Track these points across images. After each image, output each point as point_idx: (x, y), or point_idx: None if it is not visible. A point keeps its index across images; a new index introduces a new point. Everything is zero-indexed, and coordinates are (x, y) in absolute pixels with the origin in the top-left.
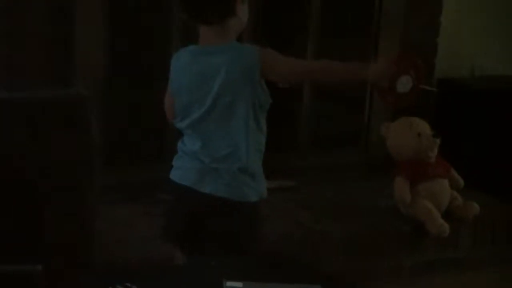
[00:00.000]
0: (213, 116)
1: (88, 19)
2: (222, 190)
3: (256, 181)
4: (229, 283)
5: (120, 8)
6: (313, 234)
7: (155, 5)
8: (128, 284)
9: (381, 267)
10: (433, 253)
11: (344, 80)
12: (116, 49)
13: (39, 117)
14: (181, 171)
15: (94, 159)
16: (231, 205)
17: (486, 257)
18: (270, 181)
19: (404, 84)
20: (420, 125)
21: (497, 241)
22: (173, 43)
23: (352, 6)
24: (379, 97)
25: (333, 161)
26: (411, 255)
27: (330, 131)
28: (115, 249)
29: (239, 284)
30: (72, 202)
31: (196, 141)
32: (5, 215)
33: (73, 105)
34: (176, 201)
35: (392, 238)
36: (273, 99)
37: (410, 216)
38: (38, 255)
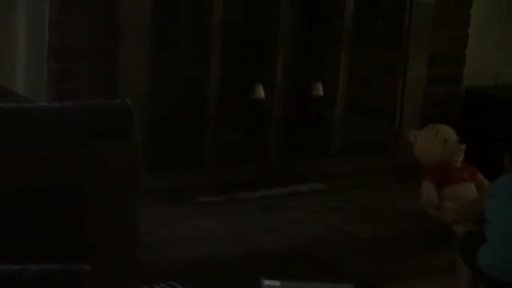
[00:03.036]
0: None
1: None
2: None
3: None
4: (267, 282)
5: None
6: (344, 236)
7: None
8: (173, 283)
9: (409, 267)
10: None
11: None
12: (157, 65)
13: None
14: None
15: (139, 164)
16: None
17: None
18: (304, 185)
19: None
20: (446, 132)
21: None
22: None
23: (383, 18)
24: None
25: (363, 167)
26: (438, 256)
27: (361, 138)
28: (158, 249)
29: (277, 283)
30: (117, 205)
31: None
32: (55, 218)
33: (119, 112)
34: None
35: (420, 239)
36: (307, 108)
37: (437, 219)
38: (85, 255)
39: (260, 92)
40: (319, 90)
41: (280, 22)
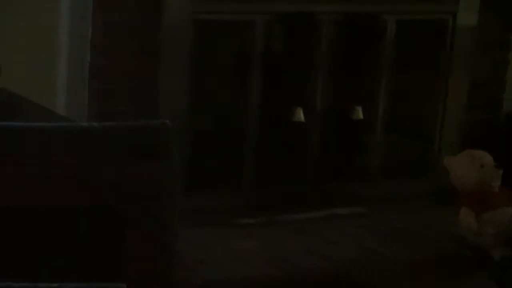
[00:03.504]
0: None
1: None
2: None
3: None
4: None
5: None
6: (382, 259)
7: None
8: None
9: None
10: None
11: None
12: (197, 87)
13: (126, 144)
14: None
15: (177, 184)
16: None
17: None
18: (342, 208)
19: None
20: (483, 157)
21: None
22: (251, 84)
23: (424, 43)
24: None
25: (402, 190)
26: (475, 281)
27: (400, 161)
28: (195, 270)
29: None
30: (155, 226)
31: None
32: (93, 238)
33: (158, 133)
34: None
35: (458, 264)
36: (347, 131)
37: (476, 245)
38: (122, 275)
39: (300, 115)
40: (359, 113)
41: (321, 46)
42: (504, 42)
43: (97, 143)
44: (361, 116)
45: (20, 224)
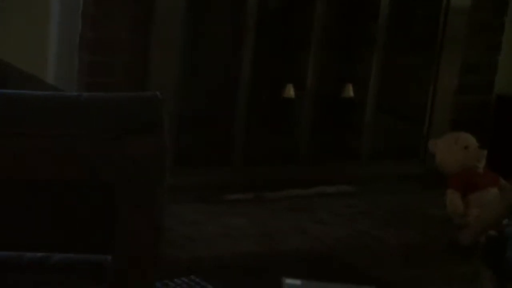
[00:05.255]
0: None
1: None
2: None
3: None
4: (288, 281)
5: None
6: (370, 240)
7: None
8: (193, 277)
9: (435, 274)
10: None
11: None
12: (189, 61)
13: (115, 116)
14: None
15: (166, 158)
16: None
17: None
18: (332, 186)
19: None
20: (466, 139)
21: None
22: (242, 59)
23: (417, 23)
24: None
25: (392, 171)
26: (464, 264)
27: (390, 142)
28: (183, 246)
29: (297, 281)
30: (144, 199)
31: None
32: (80, 210)
33: (149, 105)
34: None
35: (446, 247)
36: (337, 109)
37: (463, 226)
38: (110, 247)
39: (290, 91)
40: (350, 91)
41: (314, 22)
42: (497, 24)
43: (85, 114)
44: (351, 94)
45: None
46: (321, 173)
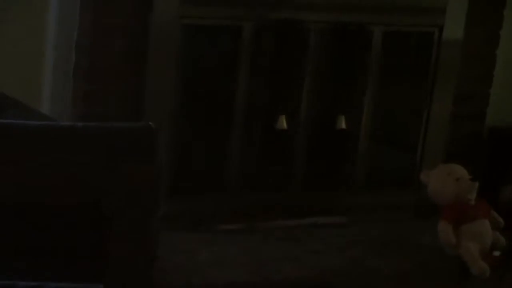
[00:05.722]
0: None
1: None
2: None
3: None
4: None
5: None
6: (363, 270)
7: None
8: None
9: None
10: None
11: None
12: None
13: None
14: None
15: (160, 188)
16: None
17: None
18: (322, 217)
19: None
20: (458, 171)
21: None
22: (236, 90)
23: (410, 54)
24: None
25: (385, 201)
26: None
27: (383, 172)
28: (176, 274)
29: None
30: (137, 227)
31: None
32: (75, 237)
33: (142, 135)
34: None
35: (439, 276)
36: (331, 140)
37: (456, 256)
38: (102, 276)
39: (283, 123)
40: (342, 123)
41: (308, 54)
42: (489, 57)
43: (80, 143)
44: (344, 126)
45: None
46: (314, 202)
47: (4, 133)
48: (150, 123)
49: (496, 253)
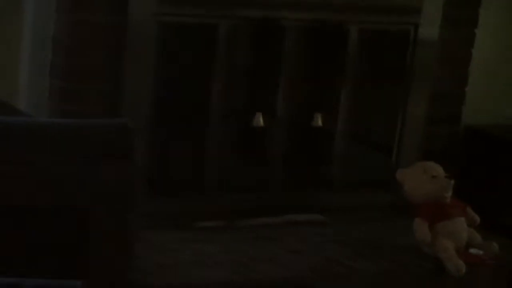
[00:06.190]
0: None
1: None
2: None
3: None
4: None
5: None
6: (341, 269)
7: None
8: None
9: None
10: None
11: None
12: (161, 89)
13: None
14: None
15: (137, 187)
16: None
17: None
18: (301, 215)
19: None
20: (434, 168)
21: None
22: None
23: (386, 54)
24: None
25: (362, 200)
26: None
27: (360, 171)
28: (156, 273)
29: None
30: (114, 226)
31: None
32: (52, 234)
33: (119, 132)
34: None
35: (415, 275)
36: (306, 138)
37: (431, 255)
38: (81, 273)
39: (259, 120)
40: (319, 121)
41: (284, 52)
42: (465, 56)
43: (57, 140)
44: (320, 123)
45: None
46: (292, 201)
47: None
48: (128, 120)
49: (473, 251)
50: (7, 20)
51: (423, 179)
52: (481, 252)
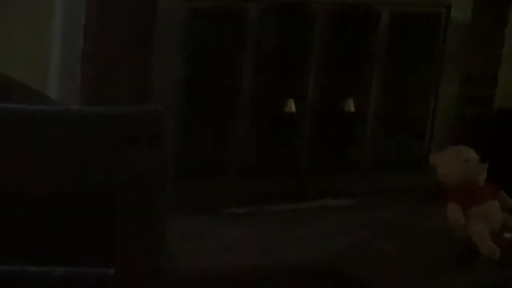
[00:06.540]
0: None
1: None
2: None
3: None
4: None
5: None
6: (372, 253)
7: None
8: None
9: (437, 286)
10: (486, 274)
11: None
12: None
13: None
14: None
15: (167, 171)
16: None
17: None
18: (333, 200)
19: None
20: (467, 152)
21: None
22: (243, 73)
23: (417, 36)
24: None
25: (393, 184)
26: (466, 275)
27: (392, 155)
28: (184, 258)
29: None
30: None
31: None
32: (83, 222)
33: (150, 118)
34: None
35: (448, 259)
36: (338, 123)
37: (464, 239)
38: (111, 260)
39: (291, 106)
40: (351, 106)
41: (314, 36)
42: (498, 37)
43: (88, 127)
44: (352, 108)
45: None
46: (322, 186)
47: (5, 117)
48: (159, 106)
49: (508, 235)
50: (37, 8)
51: (456, 163)
52: None
